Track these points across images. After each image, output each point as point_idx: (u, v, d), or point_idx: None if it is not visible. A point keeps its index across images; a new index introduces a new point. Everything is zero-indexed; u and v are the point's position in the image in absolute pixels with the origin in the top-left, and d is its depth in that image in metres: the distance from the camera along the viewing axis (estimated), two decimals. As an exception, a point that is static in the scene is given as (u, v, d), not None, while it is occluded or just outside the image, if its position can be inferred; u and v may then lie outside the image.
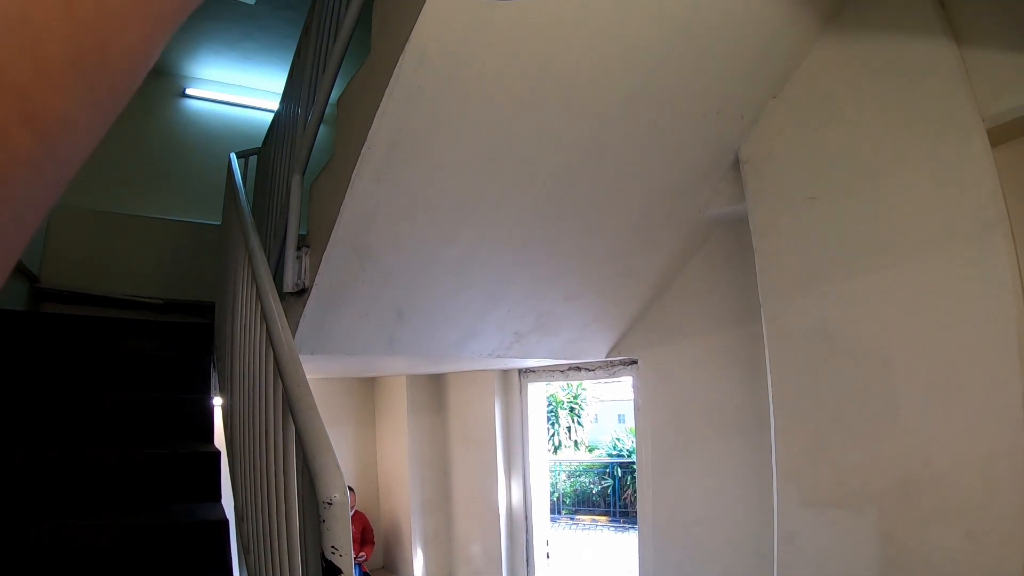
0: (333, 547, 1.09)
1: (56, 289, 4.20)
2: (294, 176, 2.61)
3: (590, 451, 18.13)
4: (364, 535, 5.92)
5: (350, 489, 5.87)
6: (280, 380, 1.47)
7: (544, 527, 5.47)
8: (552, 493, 14.40)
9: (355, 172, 2.06)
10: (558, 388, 16.26)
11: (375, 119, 1.93)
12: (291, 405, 1.37)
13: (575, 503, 15.57)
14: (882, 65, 2.37)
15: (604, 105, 2.30)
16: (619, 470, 15.02)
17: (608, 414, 19.64)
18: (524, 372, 5.35)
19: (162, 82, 5.33)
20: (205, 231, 4.73)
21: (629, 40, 2.11)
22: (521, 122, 2.21)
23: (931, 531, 2.16)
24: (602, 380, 4.79)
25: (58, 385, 2.87)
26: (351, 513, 5.89)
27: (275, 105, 3.80)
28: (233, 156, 3.48)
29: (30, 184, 0.22)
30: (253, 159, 4.07)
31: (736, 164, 2.83)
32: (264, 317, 1.73)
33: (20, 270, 3.89)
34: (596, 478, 15.70)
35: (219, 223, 3.86)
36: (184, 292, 4.55)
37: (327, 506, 1.10)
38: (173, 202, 5.06)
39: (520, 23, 1.90)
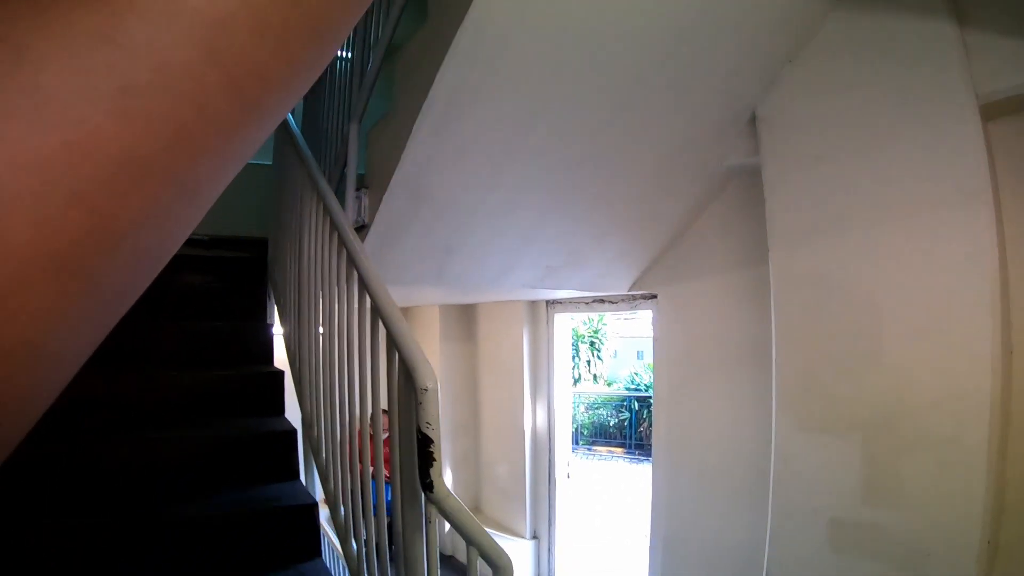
0: (427, 422, 1.43)
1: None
2: (352, 124, 2.88)
3: (608, 385, 18.40)
4: (400, 455, 6.27)
5: (385, 412, 6.22)
6: (368, 296, 1.80)
7: (565, 450, 5.70)
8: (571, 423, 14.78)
9: (415, 125, 2.34)
10: (580, 323, 16.42)
11: (434, 82, 2.20)
12: (383, 316, 1.69)
13: (592, 434, 15.87)
14: (886, 40, 2.52)
15: (633, 66, 2.54)
16: (636, 403, 15.25)
17: (627, 350, 19.82)
18: (551, 303, 5.53)
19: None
20: (245, 170, 4.95)
21: (657, 9, 2.35)
22: (558, 81, 2.46)
23: (907, 459, 2.40)
24: (624, 312, 5.06)
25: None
26: (385, 436, 6.24)
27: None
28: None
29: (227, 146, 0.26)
30: (299, 103, 4.28)
31: (753, 121, 3.01)
32: (344, 244, 2.02)
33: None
34: (614, 411, 15.95)
35: (259, 163, 4.12)
36: (227, 228, 4.80)
37: (423, 392, 1.43)
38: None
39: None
